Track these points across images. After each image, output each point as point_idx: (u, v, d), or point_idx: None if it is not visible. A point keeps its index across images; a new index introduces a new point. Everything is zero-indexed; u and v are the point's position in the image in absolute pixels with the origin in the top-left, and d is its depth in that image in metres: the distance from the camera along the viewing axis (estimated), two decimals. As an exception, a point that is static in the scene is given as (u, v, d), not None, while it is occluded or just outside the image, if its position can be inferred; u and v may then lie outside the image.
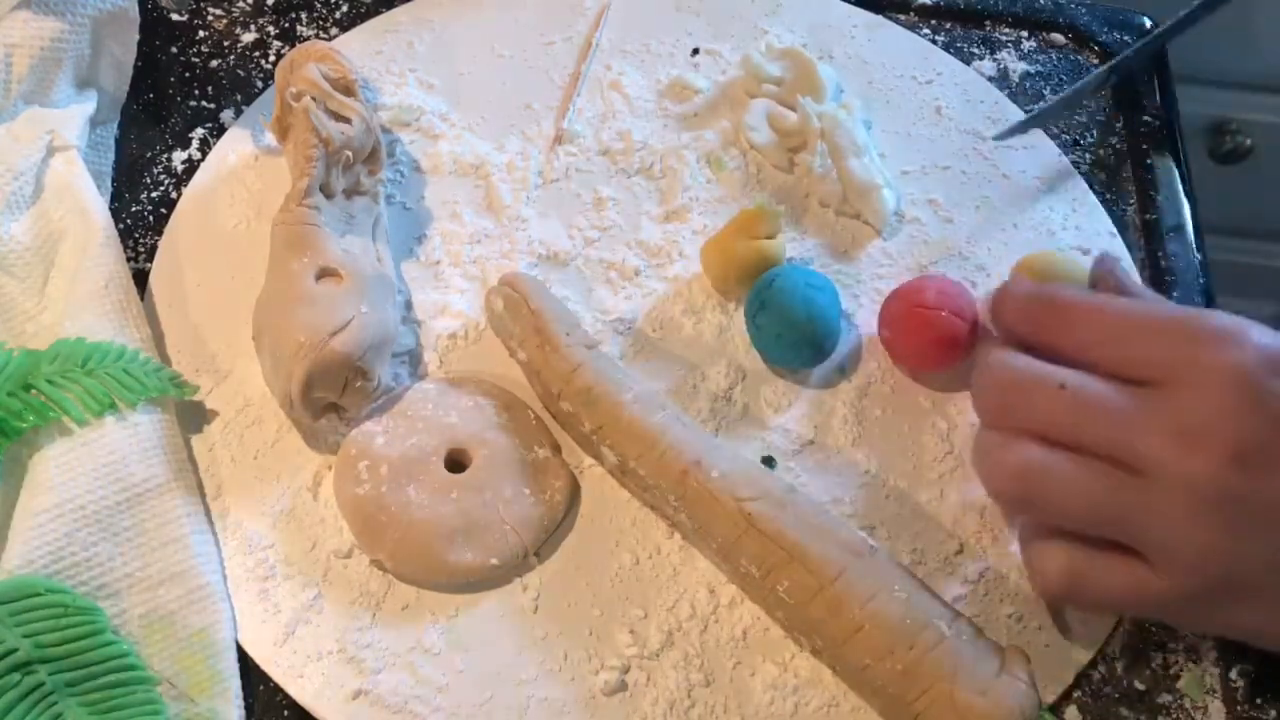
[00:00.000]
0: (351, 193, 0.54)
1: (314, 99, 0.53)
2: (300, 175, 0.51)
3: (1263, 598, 0.42)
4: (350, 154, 0.52)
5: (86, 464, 0.47)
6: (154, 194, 0.58)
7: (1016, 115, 0.62)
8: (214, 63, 0.62)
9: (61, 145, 0.55)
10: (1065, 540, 0.44)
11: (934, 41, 0.66)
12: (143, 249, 0.56)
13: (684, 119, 0.61)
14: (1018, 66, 0.65)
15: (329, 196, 0.52)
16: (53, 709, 0.43)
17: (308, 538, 0.49)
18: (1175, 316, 0.43)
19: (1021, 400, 0.44)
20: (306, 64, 0.54)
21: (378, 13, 0.64)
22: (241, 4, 0.64)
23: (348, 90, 0.54)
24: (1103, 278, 0.49)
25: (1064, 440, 0.43)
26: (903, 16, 0.67)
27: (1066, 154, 0.61)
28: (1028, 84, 0.64)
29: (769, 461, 0.51)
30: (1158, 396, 0.42)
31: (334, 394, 0.48)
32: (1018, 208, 0.59)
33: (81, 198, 0.54)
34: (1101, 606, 0.47)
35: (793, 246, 0.57)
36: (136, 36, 0.60)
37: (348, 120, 0.53)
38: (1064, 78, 0.65)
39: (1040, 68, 0.65)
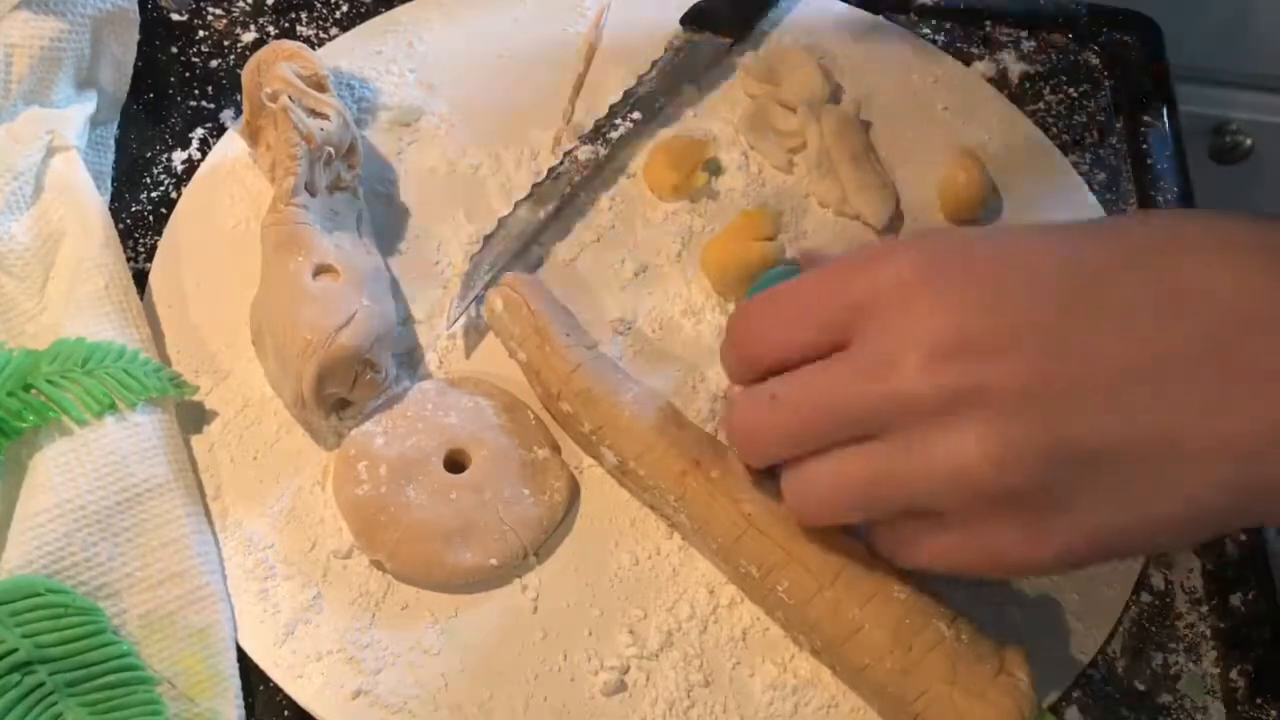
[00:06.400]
0: (333, 188, 0.53)
1: (290, 98, 0.52)
2: (285, 174, 0.51)
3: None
4: (331, 149, 0.52)
5: (86, 464, 0.47)
6: (154, 194, 0.58)
7: (1017, 115, 0.62)
8: (214, 63, 0.62)
9: (61, 145, 0.55)
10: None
11: (934, 41, 0.66)
12: (143, 249, 0.56)
13: (684, 119, 0.61)
14: (1017, 67, 0.65)
15: (313, 194, 0.52)
16: (53, 709, 0.43)
17: (307, 538, 0.49)
18: (826, 274, 0.40)
19: (755, 433, 0.42)
20: (276, 63, 0.54)
21: (378, 13, 0.63)
22: (241, 4, 0.64)
23: (320, 86, 0.54)
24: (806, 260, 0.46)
25: (809, 445, 0.40)
26: (902, 17, 0.67)
27: (1067, 154, 0.61)
28: (1028, 84, 0.64)
29: (769, 461, 0.51)
30: (850, 352, 0.39)
31: (345, 389, 0.48)
32: (1017, 209, 0.59)
33: (81, 198, 0.53)
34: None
35: (793, 246, 0.57)
36: (136, 36, 0.60)
37: (325, 116, 0.53)
38: (1064, 77, 0.65)
39: (1040, 68, 0.65)
